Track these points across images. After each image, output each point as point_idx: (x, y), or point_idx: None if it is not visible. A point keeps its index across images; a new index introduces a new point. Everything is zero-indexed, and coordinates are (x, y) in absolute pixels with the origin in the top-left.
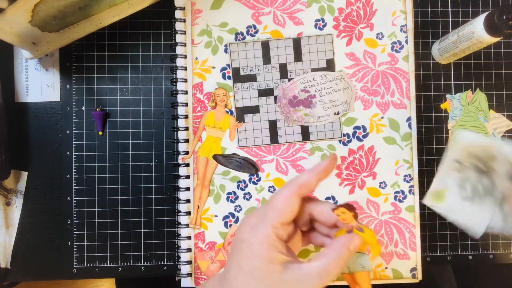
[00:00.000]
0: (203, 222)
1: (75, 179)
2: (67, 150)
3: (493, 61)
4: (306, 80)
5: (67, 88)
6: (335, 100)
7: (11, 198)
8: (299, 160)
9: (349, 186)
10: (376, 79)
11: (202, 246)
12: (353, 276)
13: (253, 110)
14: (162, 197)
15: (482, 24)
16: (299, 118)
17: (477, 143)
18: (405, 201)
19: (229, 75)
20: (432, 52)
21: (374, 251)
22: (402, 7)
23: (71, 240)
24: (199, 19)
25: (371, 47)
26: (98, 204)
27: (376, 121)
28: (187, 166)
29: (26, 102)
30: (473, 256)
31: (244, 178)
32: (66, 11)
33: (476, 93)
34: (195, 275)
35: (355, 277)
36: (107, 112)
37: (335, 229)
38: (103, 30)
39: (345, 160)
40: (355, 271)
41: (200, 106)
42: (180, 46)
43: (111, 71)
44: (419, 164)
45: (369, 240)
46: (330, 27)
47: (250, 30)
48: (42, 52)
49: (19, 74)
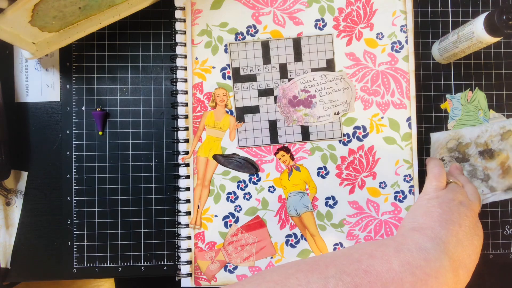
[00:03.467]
0: (203, 222)
1: (75, 179)
2: (67, 150)
3: (493, 61)
4: (306, 80)
5: (67, 88)
6: (335, 100)
7: (11, 198)
8: (299, 160)
9: (349, 186)
10: (376, 79)
11: (202, 246)
12: (300, 218)
13: (253, 110)
14: (162, 197)
15: (482, 24)
16: (299, 118)
17: (448, 138)
18: (405, 201)
19: (229, 75)
20: (432, 52)
21: (311, 188)
22: (402, 7)
23: (71, 240)
24: (199, 19)
25: (371, 47)
26: (98, 204)
27: (376, 121)
28: (187, 166)
29: (26, 102)
30: None
31: (244, 178)
32: (66, 11)
33: (475, 92)
34: (195, 275)
35: (302, 220)
36: (107, 112)
37: None
38: (103, 30)
39: (345, 160)
40: (301, 213)
41: (200, 106)
42: (180, 46)
43: (111, 71)
44: (419, 164)
45: (305, 178)
46: (330, 27)
47: (250, 30)
48: (42, 52)
49: (19, 74)
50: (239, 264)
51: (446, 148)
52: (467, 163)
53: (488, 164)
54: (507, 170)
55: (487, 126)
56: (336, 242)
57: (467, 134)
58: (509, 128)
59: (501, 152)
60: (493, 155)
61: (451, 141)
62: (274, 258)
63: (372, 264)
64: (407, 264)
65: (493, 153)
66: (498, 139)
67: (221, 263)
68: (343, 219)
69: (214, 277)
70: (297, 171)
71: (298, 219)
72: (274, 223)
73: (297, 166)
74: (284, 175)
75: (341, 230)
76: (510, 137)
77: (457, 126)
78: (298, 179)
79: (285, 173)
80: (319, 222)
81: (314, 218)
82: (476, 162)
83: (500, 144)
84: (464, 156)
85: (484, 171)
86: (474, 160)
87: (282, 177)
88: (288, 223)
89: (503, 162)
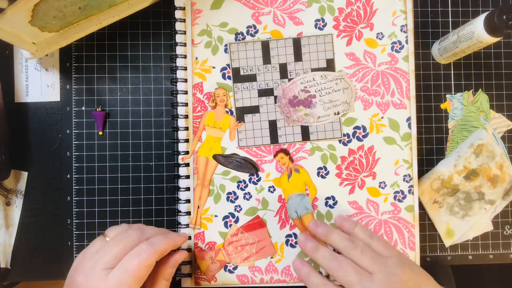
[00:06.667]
0: (203, 222)
1: (75, 179)
2: (67, 150)
3: (493, 61)
4: (306, 80)
5: (67, 88)
6: (335, 100)
7: (11, 198)
8: (299, 160)
9: (349, 186)
10: (376, 79)
11: (202, 246)
12: (301, 221)
13: (253, 110)
14: (162, 197)
15: (482, 24)
16: (299, 118)
17: (430, 181)
18: (405, 201)
19: (229, 75)
20: (432, 52)
21: (311, 190)
22: (402, 7)
23: (71, 240)
24: (199, 19)
25: (371, 47)
26: (98, 204)
27: (376, 121)
28: (187, 166)
29: (26, 102)
30: (473, 256)
31: (244, 178)
32: (66, 11)
33: (478, 94)
34: (195, 275)
35: (303, 222)
36: (107, 112)
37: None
38: (103, 30)
39: (345, 160)
40: (301, 215)
41: (200, 106)
42: (180, 46)
43: (111, 71)
44: (419, 164)
45: (305, 179)
46: (330, 27)
47: (250, 30)
48: (42, 52)
49: (19, 74)
50: (239, 264)
51: (434, 191)
52: (459, 192)
53: (476, 183)
54: (495, 179)
55: (458, 151)
56: None
57: (444, 168)
58: (477, 143)
59: (482, 167)
60: (477, 173)
61: (435, 182)
62: (274, 258)
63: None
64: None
65: (476, 171)
66: (473, 158)
67: (221, 263)
68: None
69: (214, 277)
70: (296, 173)
71: (299, 221)
72: (274, 223)
73: (297, 168)
74: (284, 178)
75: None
76: (482, 150)
77: (458, 126)
78: (298, 181)
79: (284, 175)
80: None
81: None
82: (466, 187)
83: (478, 160)
84: (454, 189)
85: (476, 190)
86: (464, 186)
87: (281, 179)
88: (288, 223)
89: (488, 175)
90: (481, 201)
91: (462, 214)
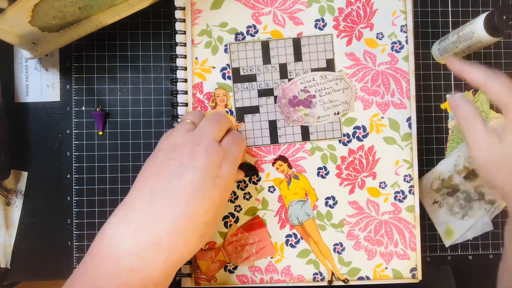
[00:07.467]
0: None
1: (75, 179)
2: (67, 150)
3: (493, 61)
4: (306, 80)
5: (67, 88)
6: (335, 100)
7: (11, 198)
8: (299, 160)
9: (349, 186)
10: (376, 79)
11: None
12: (303, 227)
13: (253, 110)
14: None
15: (482, 24)
16: (299, 118)
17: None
18: (405, 201)
19: (229, 75)
20: (432, 52)
21: (311, 196)
22: (402, 7)
23: (71, 240)
24: (199, 19)
25: (371, 47)
26: (98, 204)
27: (376, 121)
28: None
29: (26, 102)
30: (472, 256)
31: (244, 178)
32: (66, 11)
33: (478, 94)
34: (195, 275)
35: (304, 228)
36: (107, 112)
37: None
38: (103, 30)
39: (345, 160)
40: (303, 221)
41: (200, 106)
42: (180, 46)
43: (111, 71)
44: (419, 164)
45: (305, 186)
46: (330, 27)
47: (250, 30)
48: (42, 52)
49: (19, 74)
50: (239, 264)
51: (434, 191)
52: (459, 192)
53: (476, 183)
54: None
55: (458, 151)
56: (336, 242)
57: (444, 168)
58: None
59: None
60: (476, 173)
61: (435, 182)
62: (274, 258)
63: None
64: None
65: (476, 171)
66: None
67: (221, 263)
68: (343, 219)
69: (214, 277)
70: (295, 179)
71: (300, 227)
72: (274, 223)
73: (296, 175)
74: (283, 185)
75: (341, 230)
76: None
77: (458, 126)
78: (298, 188)
79: (284, 182)
80: (319, 222)
81: (316, 225)
82: (466, 187)
83: None
84: (454, 188)
85: (476, 190)
86: (464, 186)
87: (281, 186)
88: (288, 223)
89: None
90: (481, 201)
91: (462, 214)
